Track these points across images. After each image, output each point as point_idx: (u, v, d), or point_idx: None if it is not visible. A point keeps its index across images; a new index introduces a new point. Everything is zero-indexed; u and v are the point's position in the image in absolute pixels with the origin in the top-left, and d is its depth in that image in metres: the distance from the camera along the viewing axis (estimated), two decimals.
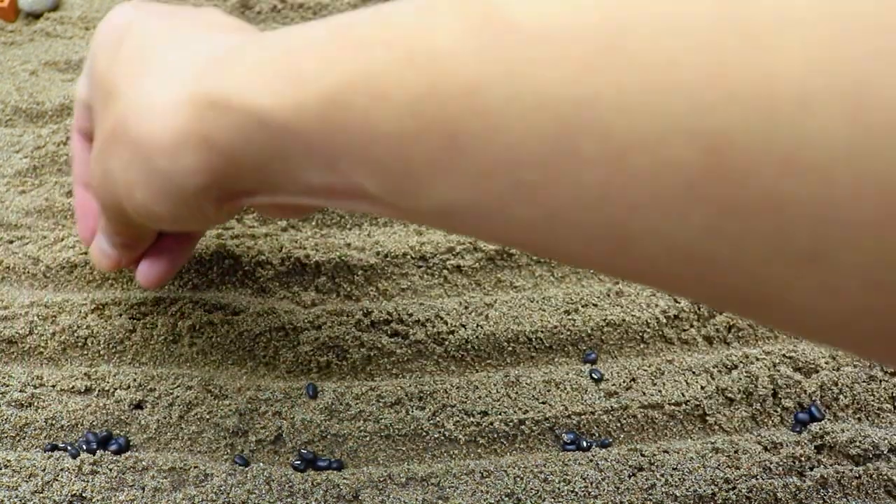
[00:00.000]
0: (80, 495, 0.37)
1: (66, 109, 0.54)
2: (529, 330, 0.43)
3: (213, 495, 0.37)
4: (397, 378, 0.42)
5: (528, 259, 0.46)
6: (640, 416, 0.41)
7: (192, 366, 0.43)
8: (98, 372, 0.42)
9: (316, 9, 0.59)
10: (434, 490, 0.38)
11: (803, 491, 0.38)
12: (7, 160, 0.52)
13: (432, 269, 0.46)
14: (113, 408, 0.40)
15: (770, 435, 0.40)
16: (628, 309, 0.43)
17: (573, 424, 0.40)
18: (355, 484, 0.38)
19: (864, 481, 0.38)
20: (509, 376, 0.42)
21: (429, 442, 0.40)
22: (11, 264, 0.46)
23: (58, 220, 0.49)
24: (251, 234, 0.47)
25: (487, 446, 0.40)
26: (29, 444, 0.40)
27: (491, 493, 0.38)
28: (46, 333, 0.43)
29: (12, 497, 0.37)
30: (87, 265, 0.46)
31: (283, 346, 0.42)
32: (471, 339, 0.43)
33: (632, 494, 0.38)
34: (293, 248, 0.46)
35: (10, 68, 0.57)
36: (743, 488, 0.37)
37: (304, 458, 0.39)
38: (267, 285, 0.46)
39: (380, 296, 0.46)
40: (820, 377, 0.41)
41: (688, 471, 0.38)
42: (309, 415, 0.40)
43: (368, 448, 0.40)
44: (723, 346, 0.44)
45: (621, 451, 0.39)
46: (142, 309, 0.44)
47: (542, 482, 0.38)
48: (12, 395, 0.41)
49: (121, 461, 0.38)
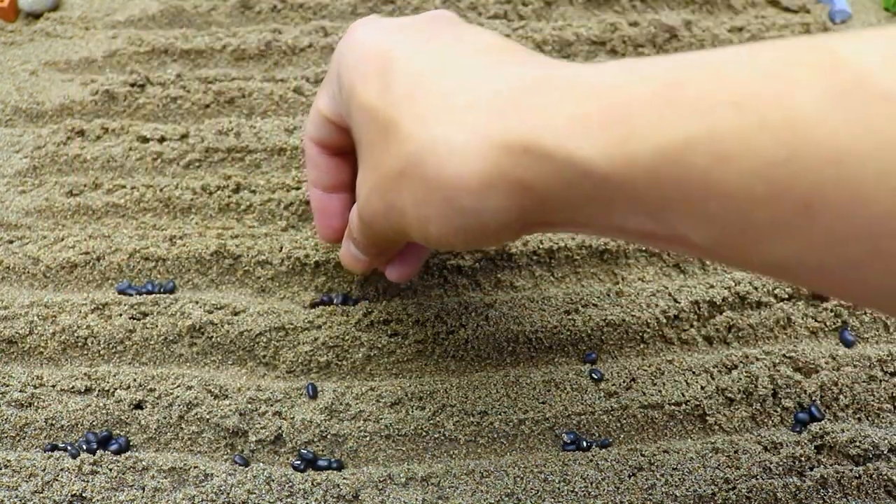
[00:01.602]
0: (80, 495, 0.37)
1: (66, 109, 0.54)
2: (529, 330, 0.43)
3: (213, 495, 0.37)
4: (397, 378, 0.42)
5: (528, 259, 0.46)
6: (640, 416, 0.41)
7: (192, 366, 0.43)
8: (98, 372, 0.42)
9: (316, 9, 0.59)
10: (434, 490, 0.38)
11: (803, 491, 0.38)
12: (7, 160, 0.52)
13: (432, 269, 0.46)
14: (113, 408, 0.40)
15: (770, 435, 0.40)
16: (628, 309, 0.43)
17: (573, 424, 0.40)
18: (355, 484, 0.38)
19: (864, 481, 0.38)
20: (509, 376, 0.42)
21: (429, 442, 0.40)
22: (11, 264, 0.46)
23: (58, 220, 0.49)
24: (251, 234, 0.47)
25: (487, 446, 0.40)
26: (29, 444, 0.40)
27: (491, 493, 0.38)
28: (46, 333, 0.43)
29: (12, 497, 0.37)
30: (88, 265, 0.46)
31: (283, 346, 0.42)
32: (471, 339, 0.43)
33: (632, 494, 0.38)
34: (293, 248, 0.46)
35: (10, 68, 0.57)
36: (743, 488, 0.37)
37: (304, 458, 0.39)
38: (267, 285, 0.46)
39: (380, 296, 0.46)
40: (820, 377, 0.41)
41: (688, 471, 0.38)
42: (309, 415, 0.40)
43: (368, 448, 0.40)
44: (723, 346, 0.44)
45: (621, 451, 0.39)
46: (142, 309, 0.44)
47: (542, 482, 0.38)
48: (12, 395, 0.41)
49: (121, 461, 0.38)
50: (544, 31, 0.57)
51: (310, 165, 0.40)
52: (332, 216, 0.40)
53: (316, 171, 0.40)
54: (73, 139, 0.52)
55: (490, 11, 0.59)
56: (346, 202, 0.40)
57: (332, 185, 0.40)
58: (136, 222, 0.48)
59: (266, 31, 0.57)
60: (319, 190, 0.40)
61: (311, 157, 0.40)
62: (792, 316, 0.44)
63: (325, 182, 0.40)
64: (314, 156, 0.39)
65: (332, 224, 0.41)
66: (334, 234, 0.41)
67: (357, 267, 0.39)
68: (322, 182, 0.40)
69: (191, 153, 0.51)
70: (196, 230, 0.47)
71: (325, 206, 0.41)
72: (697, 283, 0.45)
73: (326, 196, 0.40)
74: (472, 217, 0.27)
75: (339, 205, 0.40)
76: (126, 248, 0.46)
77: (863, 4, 0.61)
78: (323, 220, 0.41)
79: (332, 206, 0.40)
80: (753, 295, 0.44)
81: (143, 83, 0.54)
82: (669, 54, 0.27)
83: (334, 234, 0.41)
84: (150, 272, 0.46)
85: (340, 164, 0.39)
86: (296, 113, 0.54)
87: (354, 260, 0.39)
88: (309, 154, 0.40)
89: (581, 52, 0.57)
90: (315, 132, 0.38)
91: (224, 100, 0.54)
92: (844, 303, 0.44)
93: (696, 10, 0.60)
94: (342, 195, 0.40)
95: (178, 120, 0.54)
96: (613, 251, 0.46)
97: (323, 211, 0.41)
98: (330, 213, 0.41)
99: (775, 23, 0.58)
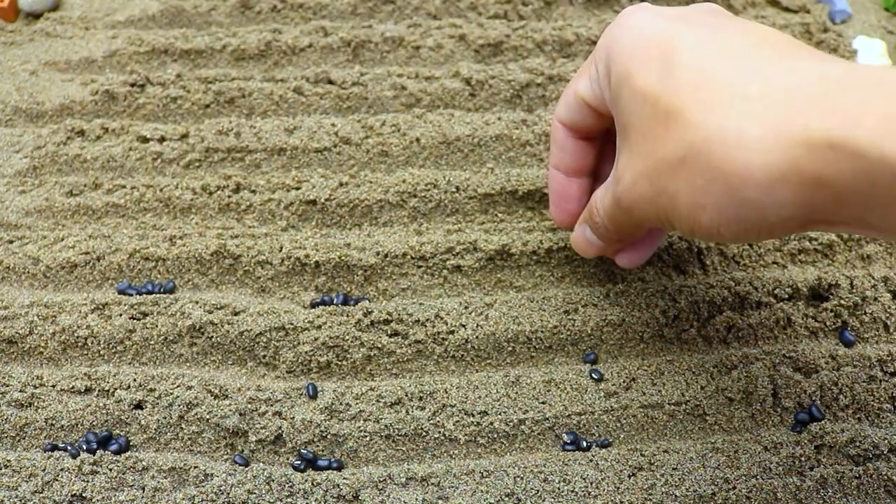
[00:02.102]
0: (80, 495, 0.37)
1: (66, 109, 0.54)
2: (529, 330, 0.43)
3: (213, 495, 0.37)
4: (397, 378, 0.42)
5: (528, 259, 0.46)
6: (640, 416, 0.41)
7: (192, 366, 0.43)
8: (98, 372, 0.42)
9: (316, 9, 0.59)
10: (434, 490, 0.38)
11: (803, 491, 0.38)
12: (7, 160, 0.52)
13: (432, 269, 0.46)
14: (113, 408, 0.40)
15: (770, 435, 0.40)
16: (628, 309, 0.43)
17: (573, 424, 0.40)
18: (355, 484, 0.38)
19: (864, 481, 0.38)
20: (509, 376, 0.42)
21: (429, 442, 0.40)
22: (11, 264, 0.46)
23: (58, 220, 0.49)
24: (251, 234, 0.47)
25: (487, 446, 0.40)
26: (29, 444, 0.40)
27: (491, 493, 0.38)
28: (46, 333, 0.43)
29: (12, 497, 0.37)
30: (88, 265, 0.46)
31: (283, 346, 0.42)
32: (471, 339, 0.43)
33: (632, 494, 0.38)
34: (293, 248, 0.46)
35: (10, 68, 0.57)
36: (743, 488, 0.37)
37: (304, 458, 0.39)
38: (267, 285, 0.46)
39: (380, 296, 0.46)
40: (820, 377, 0.41)
41: (688, 471, 0.38)
42: (309, 415, 0.40)
43: (368, 448, 0.40)
44: (723, 346, 0.44)
45: (621, 451, 0.39)
46: (142, 309, 0.44)
47: (542, 482, 0.38)
48: (12, 395, 0.41)
49: (121, 461, 0.38)
50: (544, 31, 0.57)
51: (554, 148, 0.41)
52: (571, 200, 0.42)
53: (560, 153, 0.41)
54: (73, 139, 0.52)
55: (490, 11, 0.59)
56: (585, 187, 0.41)
57: (575, 168, 0.41)
58: (136, 222, 0.48)
59: (266, 31, 0.57)
60: (561, 173, 0.41)
61: (558, 140, 0.41)
62: (792, 316, 0.44)
63: (567, 165, 0.41)
64: (561, 139, 0.40)
65: (570, 208, 0.42)
66: (570, 219, 0.42)
67: (589, 251, 0.40)
68: (565, 165, 0.41)
69: (191, 153, 0.51)
70: (196, 230, 0.47)
71: (564, 189, 0.42)
72: (697, 284, 0.45)
73: (567, 180, 0.41)
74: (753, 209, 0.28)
75: (579, 189, 0.41)
76: (126, 248, 0.46)
77: (863, 4, 0.61)
78: (560, 204, 0.42)
79: (571, 191, 0.41)
80: (753, 295, 0.44)
81: (143, 83, 0.54)
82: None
83: (570, 218, 0.42)
84: (150, 272, 0.46)
85: (586, 149, 0.40)
86: (296, 113, 0.54)
87: (588, 244, 0.40)
88: (555, 136, 0.41)
89: (581, 52, 0.57)
90: (566, 115, 0.39)
91: (224, 100, 0.54)
92: (844, 303, 0.44)
93: None
94: (582, 180, 0.41)
95: (178, 120, 0.54)
96: None
97: (562, 194, 0.42)
98: (569, 197, 0.42)
99: (775, 23, 0.58)
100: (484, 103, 0.54)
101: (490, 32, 0.57)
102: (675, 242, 0.46)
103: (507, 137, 0.51)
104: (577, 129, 0.39)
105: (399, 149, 0.51)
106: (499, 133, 0.51)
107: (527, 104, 0.54)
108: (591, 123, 0.38)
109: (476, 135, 0.51)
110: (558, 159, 0.41)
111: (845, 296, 0.44)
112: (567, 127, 0.40)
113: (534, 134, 0.51)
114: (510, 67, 0.54)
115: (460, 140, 0.51)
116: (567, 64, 0.55)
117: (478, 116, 0.52)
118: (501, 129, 0.51)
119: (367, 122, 0.52)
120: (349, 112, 0.54)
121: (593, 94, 0.37)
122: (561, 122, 0.40)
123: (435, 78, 0.54)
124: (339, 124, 0.52)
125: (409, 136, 0.51)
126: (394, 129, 0.51)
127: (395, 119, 0.52)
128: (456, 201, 0.48)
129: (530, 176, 0.48)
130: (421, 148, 0.51)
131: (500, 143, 0.51)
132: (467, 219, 0.48)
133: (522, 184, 0.48)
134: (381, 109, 0.54)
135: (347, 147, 0.51)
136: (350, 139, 0.51)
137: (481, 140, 0.51)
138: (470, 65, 0.55)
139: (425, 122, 0.52)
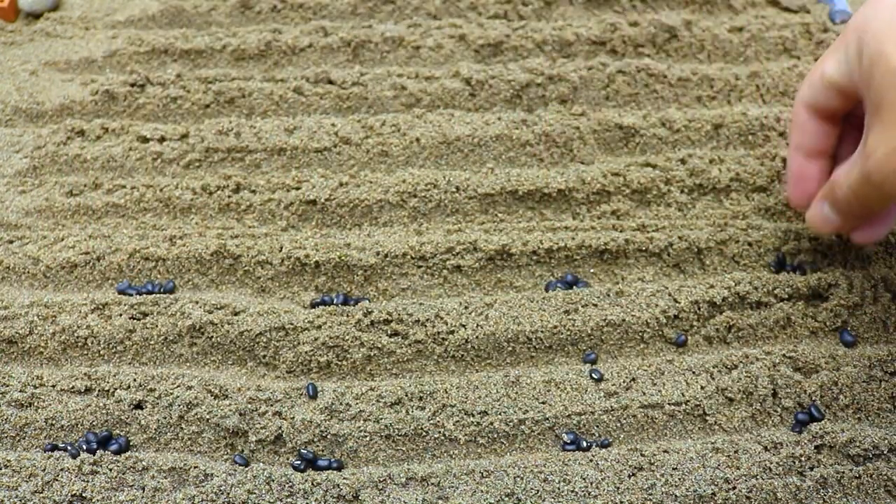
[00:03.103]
0: (80, 495, 0.37)
1: (66, 109, 0.54)
2: (529, 330, 0.43)
3: (213, 495, 0.37)
4: (397, 378, 0.42)
5: (528, 259, 0.46)
6: (640, 416, 0.41)
7: (192, 366, 0.43)
8: (98, 372, 0.42)
9: (316, 9, 0.60)
10: (434, 490, 0.38)
11: (803, 491, 0.38)
12: (7, 160, 0.52)
13: (432, 269, 0.46)
14: (113, 408, 0.40)
15: (770, 435, 0.40)
16: (628, 309, 0.43)
17: (573, 424, 0.40)
18: (355, 484, 0.38)
19: (864, 481, 0.38)
20: (509, 376, 0.42)
21: (429, 442, 0.40)
22: (11, 264, 0.46)
23: (58, 220, 0.49)
24: (251, 234, 0.47)
25: (487, 446, 0.40)
26: (29, 444, 0.40)
27: (491, 493, 0.38)
28: (46, 333, 0.43)
29: (12, 497, 0.37)
30: (88, 265, 0.46)
31: (283, 346, 0.42)
32: (471, 339, 0.43)
33: (632, 494, 0.38)
34: (293, 248, 0.46)
35: (10, 68, 0.57)
36: (743, 488, 0.37)
37: (304, 458, 0.39)
38: (267, 285, 0.46)
39: (380, 296, 0.46)
40: (820, 377, 0.41)
41: (688, 471, 0.38)
42: (309, 415, 0.40)
43: (368, 448, 0.40)
44: (723, 346, 0.44)
45: (621, 451, 0.39)
46: (142, 309, 0.44)
47: (542, 482, 0.38)
48: (12, 395, 0.41)
49: (121, 461, 0.38)
50: (544, 31, 0.57)
51: (796, 130, 0.42)
52: (809, 181, 0.43)
53: (802, 135, 0.42)
54: (73, 139, 0.52)
55: (490, 11, 0.59)
56: (824, 169, 0.42)
57: (816, 150, 0.42)
58: (136, 222, 0.48)
59: (266, 31, 0.57)
60: (801, 156, 0.42)
61: (800, 122, 0.42)
62: (792, 316, 0.44)
63: (809, 146, 0.42)
64: (803, 121, 0.41)
65: (808, 189, 0.43)
66: (807, 200, 0.43)
67: (826, 228, 0.42)
68: (806, 146, 0.42)
69: (191, 153, 0.51)
70: (196, 230, 0.47)
71: (803, 171, 0.43)
72: (697, 283, 0.45)
73: (807, 161, 0.42)
74: None
75: (818, 171, 0.42)
76: (126, 248, 0.46)
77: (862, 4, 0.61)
78: (799, 185, 0.43)
79: (810, 172, 0.43)
80: (753, 295, 0.44)
81: (143, 83, 0.54)
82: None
83: (808, 199, 0.43)
84: (150, 272, 0.46)
85: (828, 131, 0.41)
86: (296, 113, 0.54)
87: (825, 221, 0.41)
88: (798, 118, 0.42)
89: (581, 52, 0.57)
90: (811, 96, 0.40)
91: (224, 100, 0.54)
92: (844, 303, 0.44)
93: (696, 10, 0.60)
94: (821, 162, 0.42)
95: (178, 120, 0.54)
96: (613, 251, 0.46)
97: (801, 176, 0.43)
98: (807, 179, 0.43)
99: (775, 23, 0.58)
100: (484, 103, 0.54)
101: (490, 32, 0.57)
102: (674, 242, 0.46)
103: (507, 137, 0.51)
104: (819, 110, 0.41)
105: (399, 149, 0.51)
106: (499, 133, 0.51)
107: (527, 104, 0.54)
108: (836, 105, 0.40)
109: (476, 135, 0.51)
110: (799, 141, 0.42)
111: (845, 296, 0.44)
112: (811, 109, 0.41)
113: (534, 134, 0.51)
114: (510, 67, 0.54)
115: (460, 140, 0.51)
116: (567, 64, 0.55)
117: (478, 116, 0.52)
118: (501, 129, 0.51)
119: (367, 122, 0.52)
120: (349, 112, 0.54)
121: (841, 74, 0.38)
122: (805, 103, 0.41)
123: (435, 78, 0.54)
124: (339, 124, 0.52)
125: (409, 136, 0.51)
126: (394, 129, 0.51)
127: (395, 119, 0.52)
128: (456, 201, 0.48)
129: (530, 176, 0.48)
130: (421, 148, 0.51)
131: (500, 143, 0.51)
132: (467, 219, 0.48)
133: (522, 184, 0.48)
134: (381, 109, 0.54)
135: (347, 147, 0.51)
136: (350, 139, 0.51)
137: (481, 140, 0.51)
138: (470, 65, 0.55)
139: (425, 122, 0.52)
